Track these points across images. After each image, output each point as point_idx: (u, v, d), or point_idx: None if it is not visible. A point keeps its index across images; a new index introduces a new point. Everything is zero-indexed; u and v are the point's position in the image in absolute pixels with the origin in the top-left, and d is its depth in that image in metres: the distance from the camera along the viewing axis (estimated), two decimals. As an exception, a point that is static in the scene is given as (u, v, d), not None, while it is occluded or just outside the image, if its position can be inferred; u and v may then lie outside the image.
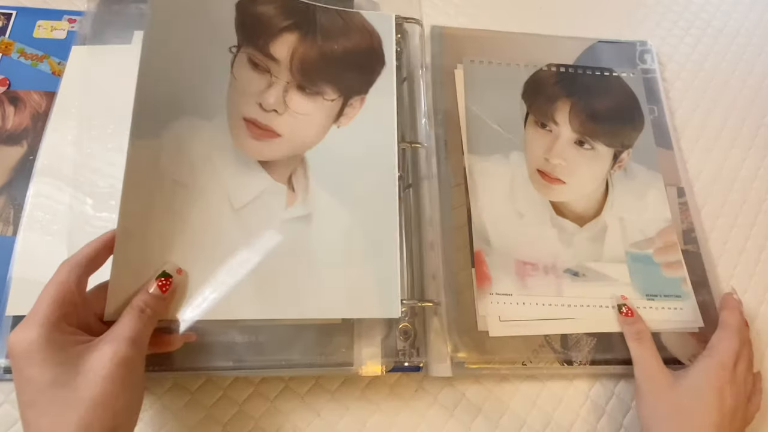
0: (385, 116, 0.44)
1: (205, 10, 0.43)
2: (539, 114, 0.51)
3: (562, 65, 0.54)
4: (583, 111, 0.51)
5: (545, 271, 0.45)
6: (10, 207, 0.42)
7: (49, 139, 0.43)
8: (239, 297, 0.37)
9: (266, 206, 0.40)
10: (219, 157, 0.40)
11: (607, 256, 0.47)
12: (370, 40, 0.46)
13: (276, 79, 0.42)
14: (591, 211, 0.49)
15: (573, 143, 0.50)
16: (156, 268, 0.35)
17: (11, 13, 0.50)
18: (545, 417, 0.42)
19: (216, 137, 0.40)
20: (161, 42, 0.40)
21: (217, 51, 0.42)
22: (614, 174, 0.50)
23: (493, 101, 0.51)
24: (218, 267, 0.37)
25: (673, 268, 0.47)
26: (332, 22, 0.45)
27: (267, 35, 0.43)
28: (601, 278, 0.46)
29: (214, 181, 0.39)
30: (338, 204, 0.41)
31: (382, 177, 0.42)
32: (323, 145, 0.42)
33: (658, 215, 0.49)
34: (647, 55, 0.57)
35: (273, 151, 0.41)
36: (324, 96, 0.43)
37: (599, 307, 0.44)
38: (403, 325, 0.42)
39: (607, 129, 0.51)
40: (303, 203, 0.40)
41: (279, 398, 0.40)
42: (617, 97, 0.54)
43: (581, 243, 0.47)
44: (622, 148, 0.51)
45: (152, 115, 0.38)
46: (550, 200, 0.48)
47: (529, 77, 0.53)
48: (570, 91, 0.52)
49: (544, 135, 0.50)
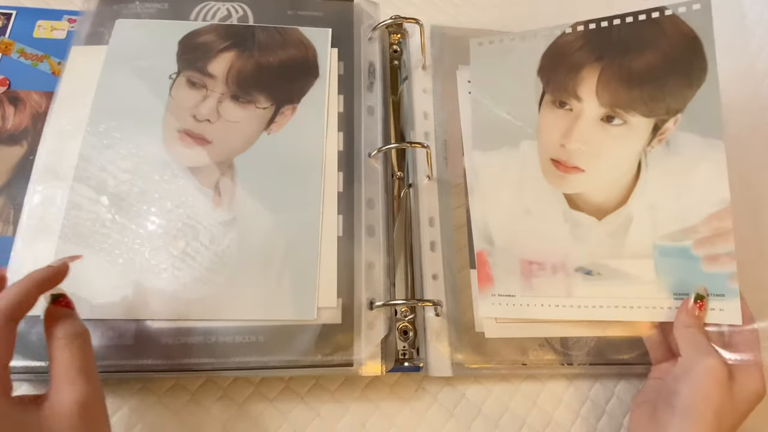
0: (315, 125, 0.46)
1: (152, 52, 0.46)
2: (558, 90, 0.45)
3: (593, 20, 0.45)
4: (616, 75, 0.43)
5: (553, 271, 0.43)
6: (10, 207, 0.42)
7: (48, 139, 0.43)
8: (159, 299, 0.39)
9: (192, 210, 0.41)
10: (151, 165, 0.43)
11: (629, 252, 0.42)
12: (305, 53, 0.48)
13: (211, 92, 0.45)
14: (614, 200, 0.43)
15: (599, 120, 0.44)
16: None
17: (11, 13, 0.50)
18: (545, 417, 0.42)
19: (151, 150, 0.43)
20: (112, 86, 0.45)
21: (159, 81, 0.45)
22: (651, 151, 0.43)
23: (503, 85, 0.47)
24: (139, 267, 0.39)
25: (718, 262, 0.40)
26: (270, 38, 0.48)
27: (206, 57, 0.47)
28: (619, 276, 0.42)
29: (151, 187, 0.42)
30: (262, 208, 0.42)
31: (308, 183, 0.43)
32: (252, 150, 0.44)
33: (709, 196, 0.41)
34: None
35: (201, 158, 0.43)
36: (256, 104, 0.45)
37: (614, 307, 0.42)
38: (403, 325, 0.42)
39: (648, 92, 0.42)
40: (228, 207, 0.42)
41: (279, 398, 0.40)
42: (668, 44, 0.42)
43: (598, 238, 0.43)
44: (666, 116, 0.42)
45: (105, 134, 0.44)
46: (564, 192, 0.44)
47: (548, 47, 0.47)
48: (601, 53, 0.44)
49: (562, 116, 0.45)
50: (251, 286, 0.40)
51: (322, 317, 0.40)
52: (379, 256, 0.43)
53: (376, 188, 0.45)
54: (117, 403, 0.39)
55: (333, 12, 0.50)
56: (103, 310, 0.38)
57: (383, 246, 0.43)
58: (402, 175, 0.47)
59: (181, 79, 0.46)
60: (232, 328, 0.39)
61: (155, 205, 0.41)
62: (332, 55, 0.48)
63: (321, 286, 0.40)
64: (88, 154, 0.42)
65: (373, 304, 0.41)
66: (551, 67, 0.46)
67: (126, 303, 0.39)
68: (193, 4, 0.49)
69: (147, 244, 0.40)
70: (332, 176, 0.44)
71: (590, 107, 0.44)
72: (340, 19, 0.50)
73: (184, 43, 0.47)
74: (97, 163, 0.42)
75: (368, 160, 0.46)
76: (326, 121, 0.46)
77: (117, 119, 0.44)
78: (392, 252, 0.44)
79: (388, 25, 0.50)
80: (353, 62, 0.49)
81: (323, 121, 0.46)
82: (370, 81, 0.49)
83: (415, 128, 0.49)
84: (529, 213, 0.45)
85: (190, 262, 0.40)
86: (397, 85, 0.51)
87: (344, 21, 0.50)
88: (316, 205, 0.43)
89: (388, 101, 0.49)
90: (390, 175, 0.46)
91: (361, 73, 0.48)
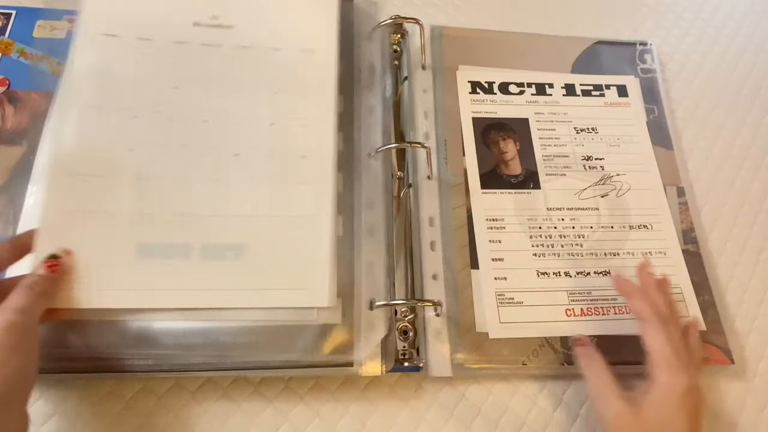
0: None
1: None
2: None
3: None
4: None
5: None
6: (10, 207, 0.42)
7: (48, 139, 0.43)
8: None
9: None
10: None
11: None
12: None
13: None
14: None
15: None
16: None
17: (11, 13, 0.50)
18: (545, 417, 0.42)
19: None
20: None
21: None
22: None
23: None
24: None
25: None
26: None
27: None
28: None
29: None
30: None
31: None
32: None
33: None
34: (647, 55, 0.57)
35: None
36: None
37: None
38: (403, 325, 0.42)
39: None
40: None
41: (279, 398, 0.40)
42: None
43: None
44: None
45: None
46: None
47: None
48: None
49: None
50: (251, 285, 0.40)
51: (322, 317, 0.40)
52: (379, 256, 0.43)
53: (376, 188, 0.45)
54: (117, 403, 0.39)
55: (333, 12, 0.50)
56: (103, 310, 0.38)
57: (383, 246, 0.43)
58: (402, 175, 0.47)
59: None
60: (232, 328, 0.39)
61: (151, 191, 0.41)
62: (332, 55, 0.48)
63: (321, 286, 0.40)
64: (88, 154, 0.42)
65: (373, 304, 0.41)
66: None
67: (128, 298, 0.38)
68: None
69: (145, 231, 0.39)
70: (332, 176, 0.44)
71: None
72: (339, 19, 0.50)
73: None
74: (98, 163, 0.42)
75: (368, 160, 0.46)
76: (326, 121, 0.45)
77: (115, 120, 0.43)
78: (392, 252, 0.44)
79: (388, 25, 0.50)
80: (353, 62, 0.49)
81: (333, 107, 0.45)
82: (370, 81, 0.49)
83: (415, 128, 0.49)
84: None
85: (191, 262, 0.40)
86: (397, 85, 0.51)
87: (344, 21, 0.50)
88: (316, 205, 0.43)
89: (388, 101, 0.49)
90: (390, 175, 0.46)
91: (361, 73, 0.48)
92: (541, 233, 0.47)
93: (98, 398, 0.39)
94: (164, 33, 0.44)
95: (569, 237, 0.47)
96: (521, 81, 0.53)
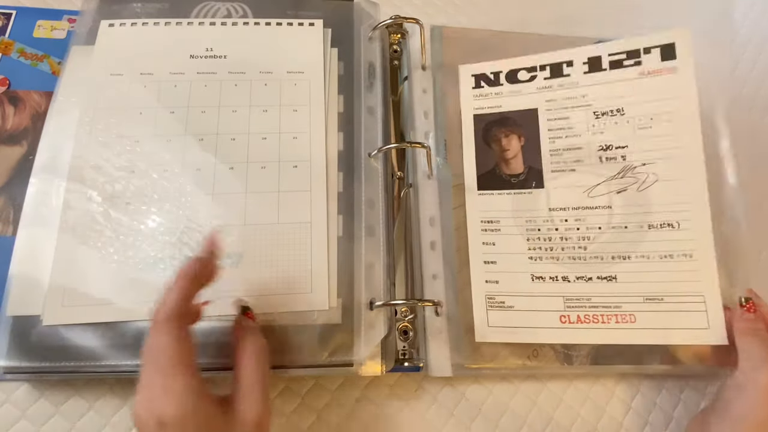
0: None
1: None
2: None
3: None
4: None
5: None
6: (10, 207, 0.42)
7: (48, 139, 0.43)
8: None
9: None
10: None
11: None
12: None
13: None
14: None
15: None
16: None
17: (11, 13, 0.50)
18: (545, 417, 0.42)
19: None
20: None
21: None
22: None
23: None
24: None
25: None
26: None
27: None
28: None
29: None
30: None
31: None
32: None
33: None
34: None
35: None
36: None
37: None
38: (403, 325, 0.42)
39: None
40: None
41: (279, 398, 0.40)
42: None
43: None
44: None
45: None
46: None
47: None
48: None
49: None
50: (251, 285, 0.40)
51: (321, 318, 0.40)
52: (379, 256, 0.43)
53: (376, 188, 0.45)
54: (117, 403, 0.39)
55: (333, 12, 0.50)
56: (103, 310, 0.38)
57: (383, 246, 0.43)
58: (402, 175, 0.47)
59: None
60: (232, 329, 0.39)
61: (155, 205, 0.41)
62: (332, 55, 0.48)
63: (321, 286, 0.40)
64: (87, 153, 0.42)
65: (373, 304, 0.41)
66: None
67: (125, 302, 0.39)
68: (193, 4, 0.49)
69: (147, 242, 0.40)
70: (332, 176, 0.44)
71: None
72: (340, 19, 0.50)
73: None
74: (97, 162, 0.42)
75: (368, 160, 0.46)
76: (326, 121, 0.46)
77: (115, 119, 0.44)
78: (392, 252, 0.44)
79: (388, 25, 0.50)
80: (353, 62, 0.49)
81: (323, 121, 0.46)
82: (370, 81, 0.49)
83: (415, 128, 0.49)
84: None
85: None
86: (397, 85, 0.51)
87: (344, 21, 0.50)
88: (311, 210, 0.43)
89: (388, 101, 0.49)
90: (390, 174, 0.46)
91: (361, 73, 0.48)
92: (539, 236, 0.45)
93: (98, 398, 0.39)
94: (163, 67, 0.46)
95: (572, 239, 0.45)
96: (533, 65, 0.50)
